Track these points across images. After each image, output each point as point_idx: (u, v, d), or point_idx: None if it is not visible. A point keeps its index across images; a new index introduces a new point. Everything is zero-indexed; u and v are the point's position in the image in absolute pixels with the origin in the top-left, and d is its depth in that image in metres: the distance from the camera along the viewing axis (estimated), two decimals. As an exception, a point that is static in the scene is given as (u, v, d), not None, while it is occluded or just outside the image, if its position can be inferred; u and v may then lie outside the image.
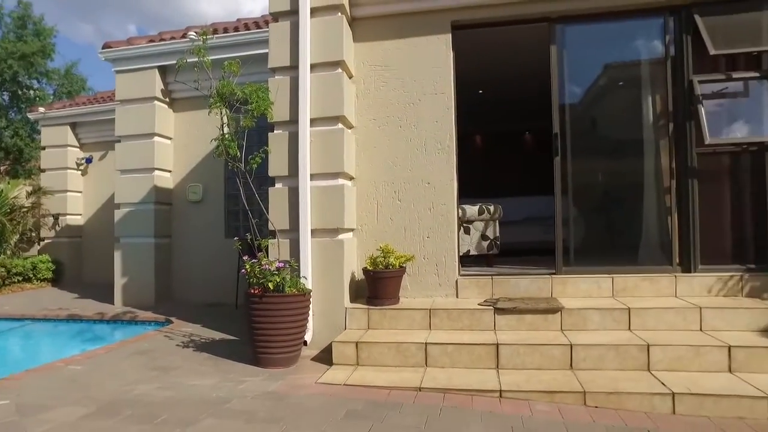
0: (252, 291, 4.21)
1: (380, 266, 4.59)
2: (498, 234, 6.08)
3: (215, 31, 7.24)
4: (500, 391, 3.47)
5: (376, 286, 4.59)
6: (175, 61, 5.25)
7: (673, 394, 3.28)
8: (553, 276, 4.79)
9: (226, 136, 4.65)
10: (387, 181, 5.06)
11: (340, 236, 4.72)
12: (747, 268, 4.62)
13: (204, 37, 4.80)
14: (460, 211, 5.37)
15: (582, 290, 4.69)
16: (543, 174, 5.64)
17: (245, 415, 3.16)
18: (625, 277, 4.66)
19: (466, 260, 5.62)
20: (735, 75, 4.68)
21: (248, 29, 7.30)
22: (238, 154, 4.66)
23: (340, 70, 4.80)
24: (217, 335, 5.28)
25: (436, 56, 5.01)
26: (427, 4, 5.00)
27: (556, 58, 4.99)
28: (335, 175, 4.73)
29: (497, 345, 3.89)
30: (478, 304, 4.47)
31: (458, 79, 5.14)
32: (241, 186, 4.78)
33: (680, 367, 3.67)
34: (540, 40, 5.10)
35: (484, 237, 5.94)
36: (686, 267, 4.72)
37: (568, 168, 4.97)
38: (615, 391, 3.37)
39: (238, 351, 4.56)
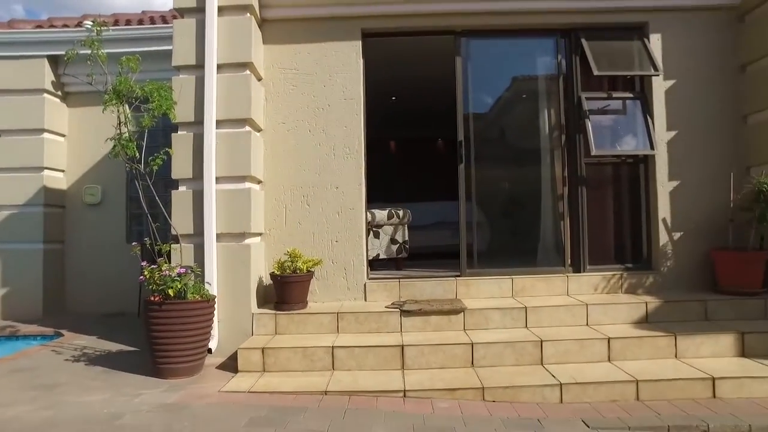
0: (152, 298, 4.01)
1: (288, 271, 4.54)
2: (407, 238, 6.23)
3: (116, 23, 6.79)
4: (404, 390, 3.56)
5: (284, 290, 4.54)
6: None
7: (561, 385, 3.55)
8: (458, 278, 5.00)
9: (124, 135, 4.38)
10: (296, 185, 5.01)
11: (247, 241, 4.61)
12: (626, 267, 5.12)
13: (98, 27, 4.48)
14: (369, 215, 5.45)
15: (484, 291, 4.93)
16: (453, 180, 5.88)
17: (138, 430, 2.99)
18: (524, 278, 4.97)
19: (375, 264, 5.72)
20: (615, 94, 5.20)
21: (154, 23, 6.91)
22: (137, 155, 4.41)
23: (248, 72, 4.70)
24: (115, 347, 4.93)
25: (346, 62, 5.06)
26: (338, 11, 5.04)
27: (461, 68, 5.23)
28: (242, 179, 4.62)
29: (403, 346, 3.99)
30: (386, 307, 4.56)
31: (370, 85, 5.23)
32: (140, 188, 4.52)
33: (569, 360, 3.97)
34: (447, 51, 5.31)
35: (393, 241, 6.07)
36: (577, 267, 5.13)
37: (472, 174, 5.22)
38: (511, 385, 3.58)
39: (137, 362, 4.30)
